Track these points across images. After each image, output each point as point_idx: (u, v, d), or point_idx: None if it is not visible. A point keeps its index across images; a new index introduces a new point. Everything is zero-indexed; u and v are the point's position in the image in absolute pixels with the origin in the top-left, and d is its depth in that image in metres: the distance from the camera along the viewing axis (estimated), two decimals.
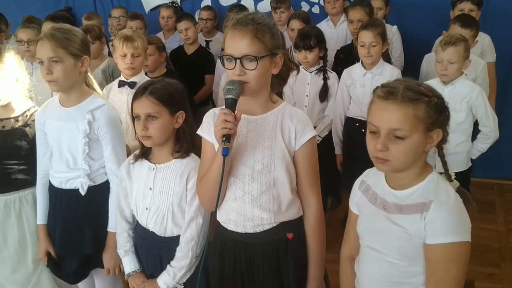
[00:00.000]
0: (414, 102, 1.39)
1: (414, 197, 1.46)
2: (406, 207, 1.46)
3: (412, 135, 1.39)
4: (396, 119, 1.40)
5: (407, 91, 1.40)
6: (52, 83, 2.06)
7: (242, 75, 1.59)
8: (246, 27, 1.58)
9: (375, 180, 1.60)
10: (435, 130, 1.42)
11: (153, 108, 1.86)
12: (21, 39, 3.52)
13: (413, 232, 1.43)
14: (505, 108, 4.37)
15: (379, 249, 1.53)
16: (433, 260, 1.42)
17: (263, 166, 1.68)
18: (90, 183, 2.17)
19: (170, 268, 1.92)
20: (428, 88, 1.45)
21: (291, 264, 1.75)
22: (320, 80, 3.33)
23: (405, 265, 1.48)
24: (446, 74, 2.85)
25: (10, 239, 2.36)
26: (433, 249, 1.41)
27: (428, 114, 1.39)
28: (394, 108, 1.40)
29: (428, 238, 1.41)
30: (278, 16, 4.26)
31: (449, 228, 1.39)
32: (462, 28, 3.31)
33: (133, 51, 2.92)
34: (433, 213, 1.39)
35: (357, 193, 1.67)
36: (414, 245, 1.44)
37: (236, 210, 1.71)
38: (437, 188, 1.44)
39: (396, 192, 1.50)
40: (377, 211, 1.54)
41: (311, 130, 1.73)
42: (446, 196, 1.42)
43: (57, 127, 2.16)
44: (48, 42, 2.02)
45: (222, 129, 1.54)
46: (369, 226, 1.58)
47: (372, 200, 1.58)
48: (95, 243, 2.20)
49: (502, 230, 3.74)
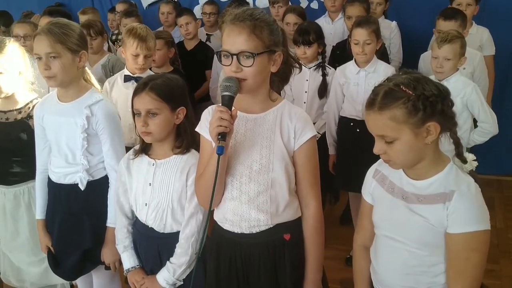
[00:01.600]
0: (389, 108, 1.43)
1: (434, 187, 1.49)
2: (426, 197, 1.49)
3: (399, 137, 1.44)
4: (378, 127, 1.47)
5: (384, 98, 1.44)
6: (50, 78, 2.05)
7: (239, 72, 1.55)
8: (243, 22, 1.54)
9: (391, 170, 1.61)
10: (427, 124, 1.43)
11: (154, 104, 1.85)
12: (17, 34, 3.50)
13: (435, 222, 1.47)
14: (504, 103, 4.37)
15: (399, 238, 1.55)
16: (455, 249, 1.45)
17: (261, 166, 1.65)
18: (89, 178, 2.17)
19: (170, 265, 1.91)
20: (411, 84, 1.44)
21: (288, 266, 1.72)
22: (319, 76, 3.31)
23: (425, 254, 1.51)
24: (442, 71, 2.84)
25: (21, 229, 2.42)
26: (455, 238, 1.44)
27: (410, 114, 1.42)
28: (374, 117, 1.47)
29: (451, 228, 1.45)
30: (276, 11, 4.24)
31: (471, 218, 1.43)
32: (446, 21, 3.31)
33: (146, 52, 2.89)
34: (456, 203, 1.43)
35: (371, 182, 1.67)
36: (435, 234, 1.48)
37: (232, 210, 1.69)
38: (457, 179, 1.48)
39: (415, 182, 1.53)
40: (395, 201, 1.56)
41: (311, 129, 1.70)
42: (467, 186, 1.47)
43: (56, 122, 2.16)
44: (46, 37, 2.01)
45: (217, 127, 1.51)
46: (387, 216, 1.59)
47: (390, 190, 1.59)
48: (94, 238, 2.20)
49: (501, 227, 3.74)
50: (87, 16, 4.49)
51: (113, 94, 3.04)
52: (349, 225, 3.39)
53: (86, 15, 4.53)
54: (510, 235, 3.64)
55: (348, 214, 3.54)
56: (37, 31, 2.08)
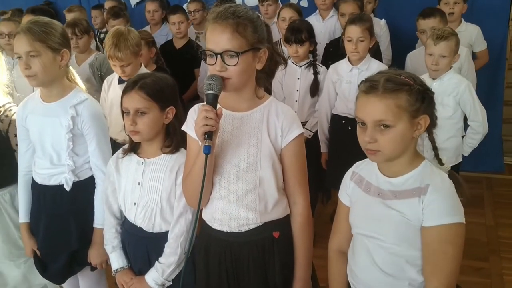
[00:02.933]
0: (394, 92, 1.44)
1: (409, 183, 1.50)
2: (402, 192, 1.51)
3: (397, 124, 1.45)
4: (379, 111, 1.46)
5: (387, 83, 1.45)
6: (31, 77, 2.02)
7: (224, 71, 1.53)
8: (226, 21, 1.52)
9: (368, 171, 1.62)
10: (420, 117, 1.46)
11: (143, 103, 1.83)
12: (2, 32, 3.45)
13: (411, 216, 1.48)
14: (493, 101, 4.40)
15: (375, 235, 1.56)
16: (431, 242, 1.46)
17: (249, 164, 1.64)
18: (75, 179, 2.14)
19: (159, 265, 1.90)
20: (410, 76, 1.48)
21: (277, 264, 1.72)
22: (311, 74, 3.30)
23: (404, 250, 1.51)
24: (437, 68, 2.85)
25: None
26: (430, 231, 1.45)
27: (410, 103, 1.44)
28: (375, 101, 1.46)
29: (426, 221, 1.46)
30: (265, 9, 4.23)
31: (446, 210, 1.45)
32: (425, 19, 3.42)
33: (120, 63, 2.84)
34: (430, 196, 1.45)
35: (349, 185, 1.68)
36: (412, 229, 1.48)
37: (221, 209, 1.68)
38: (432, 173, 1.50)
39: (391, 179, 1.54)
40: (372, 199, 1.57)
41: (298, 127, 1.69)
42: (441, 180, 1.49)
43: (40, 123, 2.12)
44: (25, 36, 1.97)
45: (203, 126, 1.49)
46: (364, 214, 1.59)
47: (366, 190, 1.60)
48: (81, 239, 2.17)
49: (490, 224, 3.76)
50: (73, 14, 4.44)
51: (110, 94, 3.04)
52: None
53: (72, 13, 4.48)
54: (499, 232, 3.66)
55: None
56: (17, 30, 2.04)
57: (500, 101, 4.51)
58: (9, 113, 2.28)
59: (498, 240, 3.56)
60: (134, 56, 2.83)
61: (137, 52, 2.86)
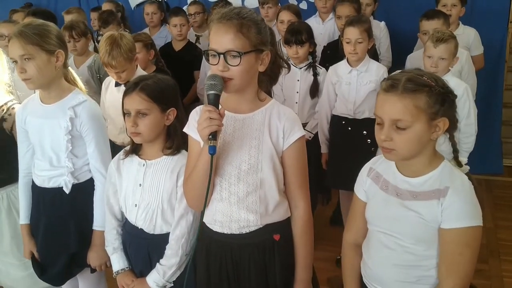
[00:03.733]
0: (414, 93, 1.44)
1: (428, 184, 1.51)
2: (421, 193, 1.51)
3: (413, 125, 1.45)
4: (396, 110, 1.45)
5: (408, 82, 1.45)
6: (27, 81, 2.01)
7: (226, 71, 1.53)
8: (230, 21, 1.52)
9: (385, 168, 1.63)
10: (439, 119, 1.46)
11: (144, 105, 1.83)
12: (2, 34, 3.45)
13: (429, 218, 1.48)
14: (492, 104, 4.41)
15: (393, 234, 1.56)
16: (449, 244, 1.47)
17: (250, 166, 1.63)
18: (74, 181, 2.13)
19: (160, 267, 1.89)
20: (432, 77, 1.48)
21: (278, 266, 1.71)
22: (310, 76, 3.30)
23: (421, 249, 1.52)
24: (436, 71, 2.83)
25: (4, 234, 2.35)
26: (449, 233, 1.46)
27: (429, 104, 1.44)
28: (394, 100, 1.46)
29: (445, 223, 1.47)
30: (265, 11, 4.23)
31: (465, 213, 1.45)
32: (429, 20, 3.40)
33: (115, 70, 2.85)
34: (450, 199, 1.45)
35: (365, 180, 1.68)
36: (429, 230, 1.49)
37: (222, 211, 1.67)
38: (451, 175, 1.50)
39: (409, 179, 1.55)
40: (390, 198, 1.57)
41: (300, 129, 1.68)
42: (461, 183, 1.49)
43: (39, 124, 2.12)
44: (17, 40, 1.97)
45: (208, 127, 1.49)
46: (381, 213, 1.60)
47: (384, 188, 1.60)
48: (80, 241, 2.16)
49: (490, 226, 3.74)
50: (72, 16, 4.42)
51: (107, 96, 3.04)
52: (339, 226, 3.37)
53: (71, 15, 4.46)
54: (499, 234, 3.66)
55: (338, 214, 3.53)
56: (11, 35, 2.03)
57: (499, 103, 4.52)
58: (12, 112, 2.27)
59: (498, 242, 3.56)
60: (129, 62, 2.83)
61: (131, 57, 2.85)
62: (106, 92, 3.06)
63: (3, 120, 2.26)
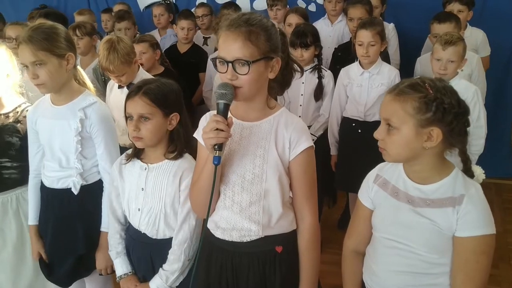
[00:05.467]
0: (404, 96, 1.46)
1: (441, 192, 1.50)
2: (434, 201, 1.50)
3: (401, 127, 1.46)
4: (386, 110, 1.51)
5: (406, 87, 1.48)
6: (40, 86, 2.02)
7: (234, 80, 1.50)
8: (239, 29, 1.49)
9: (393, 174, 1.62)
10: (430, 128, 1.44)
11: (146, 109, 1.82)
12: (10, 36, 3.47)
13: (443, 225, 1.48)
14: (502, 106, 4.37)
15: (404, 241, 1.55)
16: (464, 252, 1.47)
17: (254, 176, 1.60)
18: (83, 182, 2.13)
19: (163, 272, 1.88)
20: (434, 86, 1.46)
21: (278, 278, 1.66)
22: (315, 78, 3.29)
23: (434, 257, 1.52)
24: (445, 73, 2.82)
25: (8, 238, 2.35)
26: (465, 241, 1.46)
27: (417, 111, 1.44)
28: (388, 100, 1.51)
29: (460, 231, 1.46)
30: (274, 13, 4.21)
31: (482, 221, 1.46)
32: (441, 24, 3.36)
33: (114, 75, 2.86)
34: (467, 207, 1.45)
35: (372, 187, 1.66)
36: (443, 237, 1.49)
37: (225, 218, 1.65)
38: (465, 183, 1.50)
39: (420, 186, 1.54)
40: (400, 205, 1.56)
41: (307, 139, 1.63)
42: (476, 191, 1.49)
43: (49, 126, 2.13)
44: (27, 46, 1.95)
45: (215, 138, 1.47)
46: (391, 219, 1.58)
47: (394, 194, 1.59)
48: (88, 243, 2.17)
49: (499, 230, 3.65)
50: (83, 17, 4.46)
51: (111, 98, 3.06)
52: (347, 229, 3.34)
53: (82, 16, 4.50)
54: (509, 239, 3.62)
55: (346, 217, 3.51)
56: (19, 40, 2.01)
57: (509, 106, 4.47)
58: (26, 114, 2.27)
59: (508, 247, 3.52)
60: (127, 66, 2.84)
61: (129, 61, 2.86)
62: (110, 93, 3.08)
63: (18, 122, 2.27)
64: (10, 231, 2.35)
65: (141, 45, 3.36)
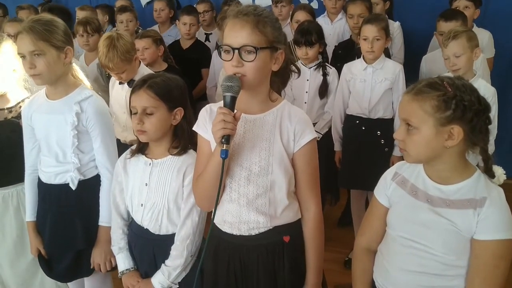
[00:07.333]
0: (423, 95, 1.45)
1: (462, 193, 1.48)
2: (454, 201, 1.49)
3: (421, 127, 1.45)
4: (405, 110, 1.50)
5: (424, 86, 1.46)
6: (36, 76, 2.00)
7: (240, 67, 1.50)
8: (247, 16, 1.50)
9: (412, 173, 1.61)
10: (450, 126, 1.43)
11: (150, 102, 1.81)
12: (8, 33, 3.46)
13: (462, 227, 1.46)
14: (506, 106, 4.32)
15: (421, 241, 1.53)
16: (483, 255, 1.45)
17: (260, 168, 1.61)
18: (81, 177, 2.12)
19: (165, 268, 1.88)
20: (453, 84, 1.44)
21: (287, 269, 1.69)
22: (320, 76, 3.28)
23: (449, 258, 1.50)
24: (458, 68, 2.76)
25: (8, 233, 2.35)
26: (484, 244, 1.45)
27: (436, 109, 1.42)
28: (406, 100, 1.50)
29: (480, 234, 1.45)
30: (279, 10, 4.22)
31: (503, 225, 1.44)
32: (447, 22, 3.34)
33: (114, 72, 2.85)
34: (488, 210, 1.43)
35: (389, 185, 1.65)
36: (461, 239, 1.47)
37: (231, 212, 1.65)
38: (487, 186, 1.48)
39: (441, 186, 1.52)
40: (419, 204, 1.55)
41: (311, 131, 1.66)
42: (498, 194, 1.47)
43: (45, 120, 2.11)
44: (28, 35, 1.95)
45: (222, 129, 1.46)
46: (408, 218, 1.57)
47: (412, 193, 1.58)
48: (87, 238, 2.16)
49: None
50: (85, 12, 4.47)
51: (113, 93, 3.07)
52: (347, 227, 3.34)
53: (84, 12, 4.51)
54: None
55: (347, 216, 3.50)
56: (19, 30, 2.01)
57: None
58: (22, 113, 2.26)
59: None
60: (127, 63, 2.84)
61: (129, 58, 2.85)
62: (112, 89, 3.08)
63: (20, 117, 2.25)
64: (11, 227, 2.35)
65: (144, 40, 3.36)
